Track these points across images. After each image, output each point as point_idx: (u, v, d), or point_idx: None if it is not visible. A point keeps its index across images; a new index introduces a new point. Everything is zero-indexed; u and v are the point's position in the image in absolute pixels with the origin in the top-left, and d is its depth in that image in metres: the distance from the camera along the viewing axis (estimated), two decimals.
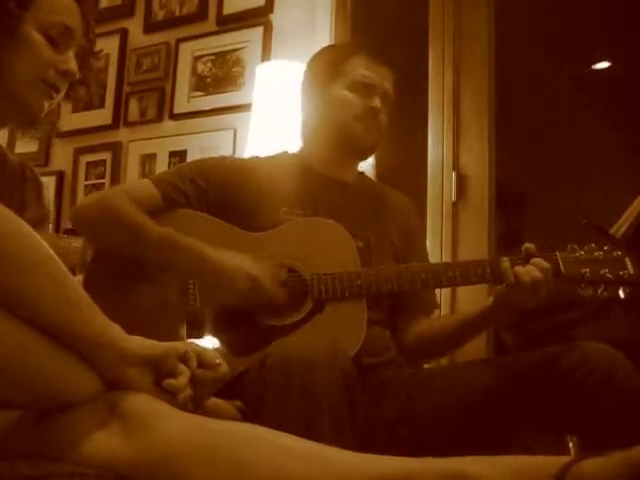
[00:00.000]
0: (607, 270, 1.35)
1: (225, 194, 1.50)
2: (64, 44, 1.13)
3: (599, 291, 1.36)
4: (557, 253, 1.38)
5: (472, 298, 2.16)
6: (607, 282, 1.35)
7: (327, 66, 1.59)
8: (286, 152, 1.67)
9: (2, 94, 1.11)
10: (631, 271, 1.35)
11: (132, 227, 1.40)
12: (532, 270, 1.32)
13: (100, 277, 1.44)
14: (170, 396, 0.92)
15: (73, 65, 1.15)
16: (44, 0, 1.10)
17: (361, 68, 1.56)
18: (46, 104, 1.15)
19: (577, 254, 1.38)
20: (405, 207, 1.67)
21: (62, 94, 1.17)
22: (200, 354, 0.99)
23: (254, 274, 1.36)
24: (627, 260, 1.36)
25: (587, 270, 1.36)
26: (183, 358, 0.96)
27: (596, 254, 1.37)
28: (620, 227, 1.59)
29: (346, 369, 1.15)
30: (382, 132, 1.59)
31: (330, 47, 1.70)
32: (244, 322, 1.39)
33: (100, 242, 1.50)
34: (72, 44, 1.14)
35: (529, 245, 1.37)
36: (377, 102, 1.54)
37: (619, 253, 1.37)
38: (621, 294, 1.35)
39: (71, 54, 1.15)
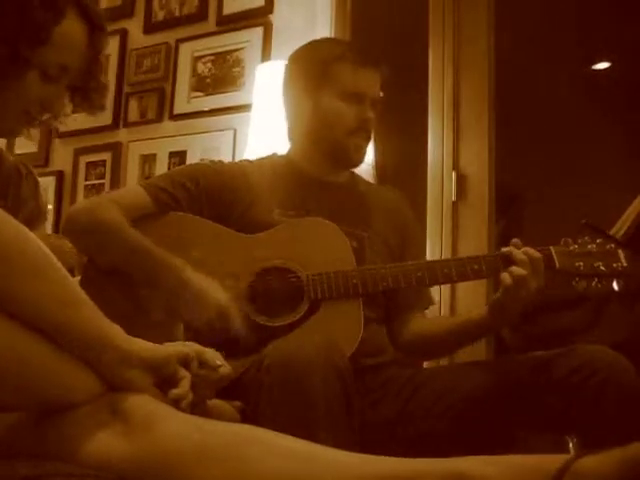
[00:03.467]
0: (601, 263, 1.35)
1: (216, 198, 1.50)
2: (56, 79, 1.12)
3: (593, 284, 1.36)
4: (551, 247, 1.38)
5: (471, 296, 2.17)
6: (601, 275, 1.35)
7: (314, 69, 1.55)
8: (275, 154, 1.66)
9: None
10: (624, 263, 1.35)
11: (119, 239, 1.40)
12: (514, 270, 1.32)
13: (97, 277, 1.44)
14: (173, 402, 0.92)
15: (57, 104, 1.14)
16: (55, 40, 1.08)
17: (351, 75, 1.52)
18: (24, 129, 1.15)
19: (571, 248, 1.38)
20: (397, 203, 1.67)
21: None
22: (201, 355, 0.99)
23: (226, 307, 1.35)
24: (620, 252, 1.36)
25: (581, 263, 1.36)
26: (184, 361, 0.96)
27: (589, 247, 1.37)
28: (620, 228, 1.59)
29: (342, 368, 1.15)
30: (370, 140, 1.59)
31: (314, 46, 1.63)
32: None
33: (87, 251, 1.49)
34: (65, 79, 1.13)
35: (516, 240, 1.37)
36: (369, 113, 1.54)
37: (612, 246, 1.37)
38: (615, 287, 1.36)
39: (60, 90, 1.14)
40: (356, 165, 1.61)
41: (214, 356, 1.02)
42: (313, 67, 1.56)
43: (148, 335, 0.97)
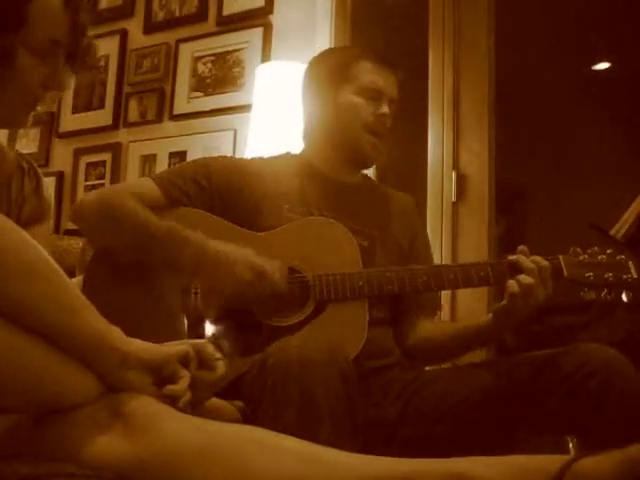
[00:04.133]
0: (611, 274, 1.34)
1: (227, 193, 1.50)
2: (51, 56, 1.10)
3: (602, 294, 1.35)
4: (560, 257, 1.37)
5: (472, 300, 2.17)
6: (610, 286, 1.35)
7: (334, 69, 1.58)
8: (289, 153, 1.66)
9: None
10: (634, 275, 1.34)
11: (134, 221, 1.39)
12: (522, 278, 1.31)
13: (99, 277, 1.43)
14: (170, 400, 0.92)
15: (60, 79, 1.13)
16: (34, 18, 1.05)
17: (370, 73, 1.55)
18: (31, 116, 1.14)
19: (580, 258, 1.37)
20: (408, 207, 1.67)
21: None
22: (200, 352, 0.99)
23: (259, 264, 1.35)
24: (631, 264, 1.35)
25: (591, 274, 1.35)
26: (184, 360, 0.96)
27: (599, 258, 1.36)
28: (621, 228, 1.59)
29: (345, 370, 1.15)
30: (387, 141, 1.60)
31: (335, 50, 1.69)
32: (246, 322, 1.38)
33: (100, 239, 1.47)
34: (59, 54, 1.11)
35: (523, 248, 1.36)
36: (385, 109, 1.55)
37: (622, 257, 1.36)
38: (624, 298, 1.35)
39: (59, 65, 1.12)
40: (371, 163, 1.62)
41: (212, 351, 1.02)
42: (333, 68, 1.59)
43: (151, 332, 0.98)
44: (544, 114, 3.47)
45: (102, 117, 2.99)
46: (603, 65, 3.85)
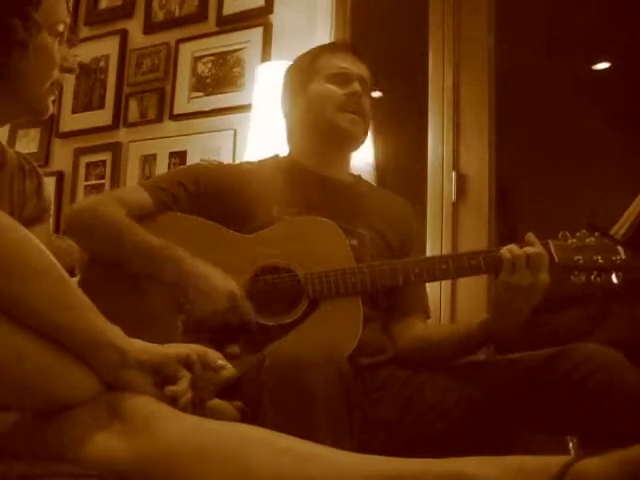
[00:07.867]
0: (600, 256, 1.34)
1: (216, 198, 1.51)
2: (63, 37, 1.12)
3: (592, 277, 1.35)
4: (549, 241, 1.36)
5: (471, 295, 2.17)
6: (600, 268, 1.34)
7: (302, 69, 1.63)
8: (277, 155, 1.68)
9: (15, 98, 1.10)
10: (623, 256, 1.34)
11: (121, 235, 1.40)
12: (526, 249, 1.30)
13: (96, 277, 1.44)
14: (171, 400, 0.92)
15: (73, 60, 1.15)
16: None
17: (332, 59, 1.60)
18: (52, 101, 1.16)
19: (569, 241, 1.37)
20: (403, 209, 1.67)
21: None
22: (203, 356, 0.99)
23: (235, 291, 1.35)
24: (619, 246, 1.35)
25: (580, 257, 1.35)
26: (186, 362, 0.96)
27: (588, 240, 1.36)
28: (620, 228, 1.58)
29: (342, 369, 1.15)
30: (367, 119, 1.61)
31: (304, 53, 1.71)
32: (241, 323, 1.38)
33: (91, 249, 1.50)
34: (66, 34, 1.13)
35: (530, 235, 1.36)
36: (356, 87, 1.57)
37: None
38: (614, 280, 1.34)
39: (66, 47, 1.14)
40: (353, 139, 1.61)
41: (216, 357, 1.02)
42: (302, 67, 1.64)
43: (148, 333, 0.98)
44: (544, 114, 3.47)
45: (102, 117, 2.99)
46: (603, 65, 3.85)
